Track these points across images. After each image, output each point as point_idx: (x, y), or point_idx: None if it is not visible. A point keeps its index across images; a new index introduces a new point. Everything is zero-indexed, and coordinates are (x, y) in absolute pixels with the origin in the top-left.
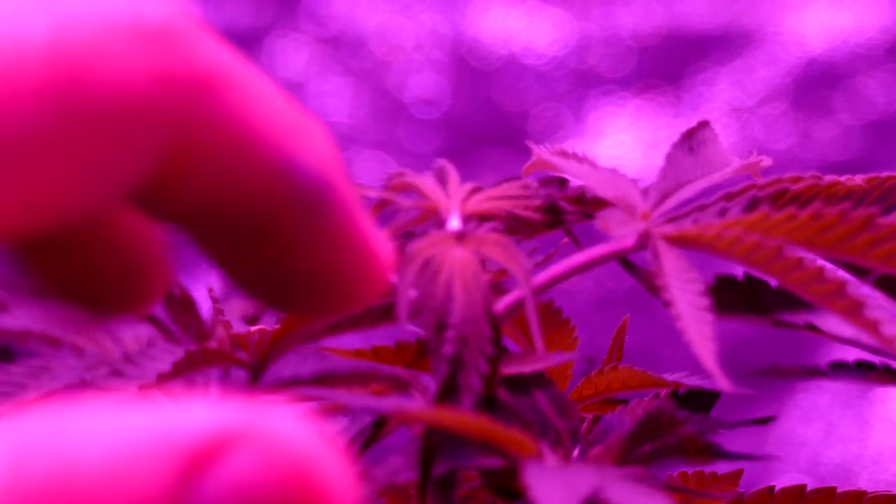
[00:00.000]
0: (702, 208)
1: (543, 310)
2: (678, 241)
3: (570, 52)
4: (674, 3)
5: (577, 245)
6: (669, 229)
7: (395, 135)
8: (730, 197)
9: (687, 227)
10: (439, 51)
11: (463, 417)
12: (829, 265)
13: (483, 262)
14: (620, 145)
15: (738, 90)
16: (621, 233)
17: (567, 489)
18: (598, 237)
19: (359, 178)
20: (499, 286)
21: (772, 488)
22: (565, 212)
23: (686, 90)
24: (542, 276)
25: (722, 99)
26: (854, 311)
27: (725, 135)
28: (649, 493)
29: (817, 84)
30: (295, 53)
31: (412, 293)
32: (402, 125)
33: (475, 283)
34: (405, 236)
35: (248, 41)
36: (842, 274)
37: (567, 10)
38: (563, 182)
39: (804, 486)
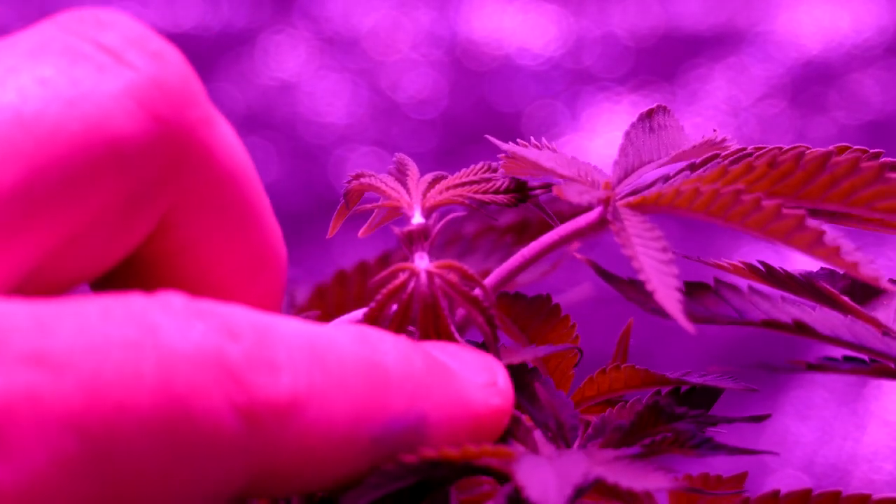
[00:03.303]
0: (666, 179)
1: (542, 305)
2: (639, 207)
3: (566, 50)
4: (669, 1)
5: (548, 216)
6: (632, 198)
7: (390, 134)
8: (693, 168)
9: (649, 192)
10: (435, 50)
11: (434, 452)
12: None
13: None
14: (615, 143)
15: (733, 89)
16: (580, 200)
17: (560, 477)
18: None
19: None
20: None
21: (777, 492)
22: (530, 188)
23: (681, 87)
24: (514, 260)
25: (717, 97)
26: (815, 242)
27: (722, 133)
28: (645, 472)
29: (813, 83)
30: (291, 52)
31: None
32: (398, 124)
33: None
34: (395, 251)
35: (244, 40)
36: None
37: (562, 8)
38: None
39: (809, 490)
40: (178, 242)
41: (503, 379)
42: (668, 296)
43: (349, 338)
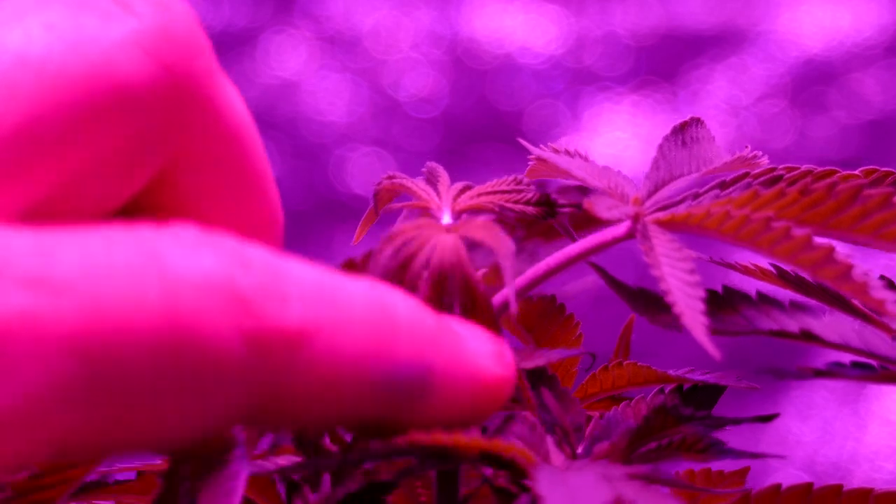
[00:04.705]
0: (696, 196)
1: (547, 306)
2: (669, 224)
3: (567, 50)
4: (670, 0)
5: (571, 237)
6: (661, 214)
7: (392, 133)
8: (724, 185)
9: (679, 210)
10: (436, 49)
11: (467, 438)
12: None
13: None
14: (616, 143)
15: (734, 88)
16: (609, 216)
17: (580, 499)
18: None
19: (356, 176)
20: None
21: (778, 486)
22: (558, 204)
23: (682, 87)
24: (539, 267)
25: (718, 97)
26: (843, 276)
27: (723, 133)
28: (662, 497)
29: (814, 82)
30: (292, 52)
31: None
32: (399, 123)
33: (456, 260)
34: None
35: (245, 40)
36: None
37: (563, 7)
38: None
39: (810, 484)
40: (177, 196)
41: (508, 352)
42: (695, 319)
43: (360, 283)
